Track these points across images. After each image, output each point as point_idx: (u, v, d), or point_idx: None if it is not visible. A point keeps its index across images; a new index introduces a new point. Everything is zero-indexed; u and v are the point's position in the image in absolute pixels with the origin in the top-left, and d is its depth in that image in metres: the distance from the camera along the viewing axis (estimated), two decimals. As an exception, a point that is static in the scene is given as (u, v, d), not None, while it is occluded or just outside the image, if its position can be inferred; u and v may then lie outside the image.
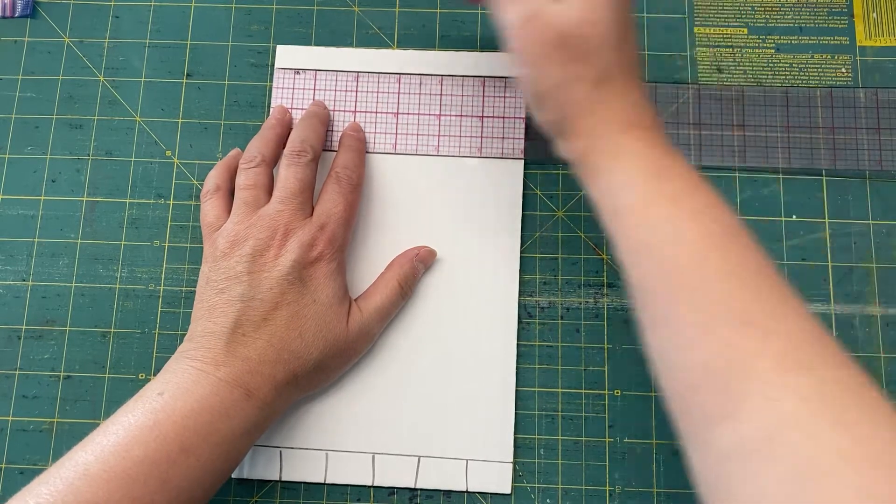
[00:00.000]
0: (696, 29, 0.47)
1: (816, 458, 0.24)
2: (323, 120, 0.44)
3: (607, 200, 0.32)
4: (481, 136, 0.45)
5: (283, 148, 0.42)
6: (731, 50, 0.46)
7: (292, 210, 0.39)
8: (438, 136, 0.45)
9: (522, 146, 0.44)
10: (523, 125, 0.45)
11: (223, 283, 0.38)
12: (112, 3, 0.48)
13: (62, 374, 0.43)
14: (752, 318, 0.27)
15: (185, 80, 0.47)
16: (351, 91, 0.46)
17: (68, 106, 0.46)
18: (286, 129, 0.44)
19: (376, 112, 0.46)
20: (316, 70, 0.46)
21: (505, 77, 0.45)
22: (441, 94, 0.46)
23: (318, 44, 0.47)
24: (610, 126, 0.32)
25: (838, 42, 0.46)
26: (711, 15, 0.47)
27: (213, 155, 0.46)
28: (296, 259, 0.38)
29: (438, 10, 0.47)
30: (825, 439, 0.24)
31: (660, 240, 0.30)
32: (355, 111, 0.46)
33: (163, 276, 0.44)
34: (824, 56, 0.46)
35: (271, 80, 0.46)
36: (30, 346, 0.43)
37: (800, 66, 0.46)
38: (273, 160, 0.42)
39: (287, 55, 0.46)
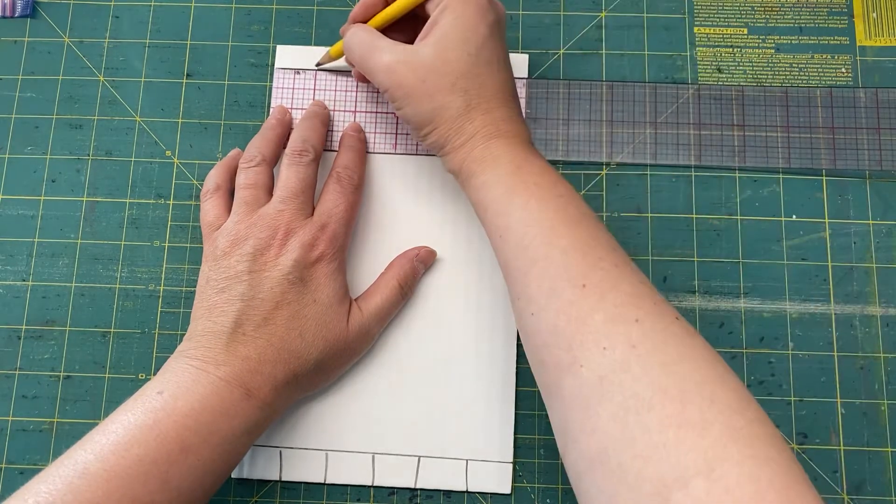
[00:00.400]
0: (696, 29, 0.47)
1: (640, 394, 0.28)
2: (324, 120, 0.44)
3: (479, 197, 0.37)
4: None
5: (284, 148, 0.42)
6: (731, 50, 0.46)
7: (293, 210, 0.39)
8: (438, 136, 0.45)
9: (522, 146, 0.44)
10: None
11: (223, 283, 0.37)
12: (112, 3, 0.48)
13: (62, 374, 0.43)
14: (590, 282, 0.32)
15: (185, 80, 0.47)
16: (351, 91, 0.46)
17: (68, 106, 0.46)
18: (286, 129, 0.44)
19: (376, 112, 0.46)
20: (316, 70, 0.46)
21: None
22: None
23: (318, 44, 0.47)
24: (478, 139, 0.37)
25: (838, 42, 0.46)
26: (711, 15, 0.47)
27: (213, 155, 0.46)
28: (297, 259, 0.38)
29: (438, 11, 0.47)
30: (649, 379, 0.28)
31: (517, 222, 0.34)
32: (355, 111, 0.46)
33: (163, 276, 0.44)
34: (824, 56, 0.46)
35: (271, 80, 0.46)
36: (30, 346, 0.43)
37: (800, 66, 0.46)
38: (273, 160, 0.42)
39: (287, 55, 0.46)
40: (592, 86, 0.46)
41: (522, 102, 0.45)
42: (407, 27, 0.42)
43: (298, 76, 0.46)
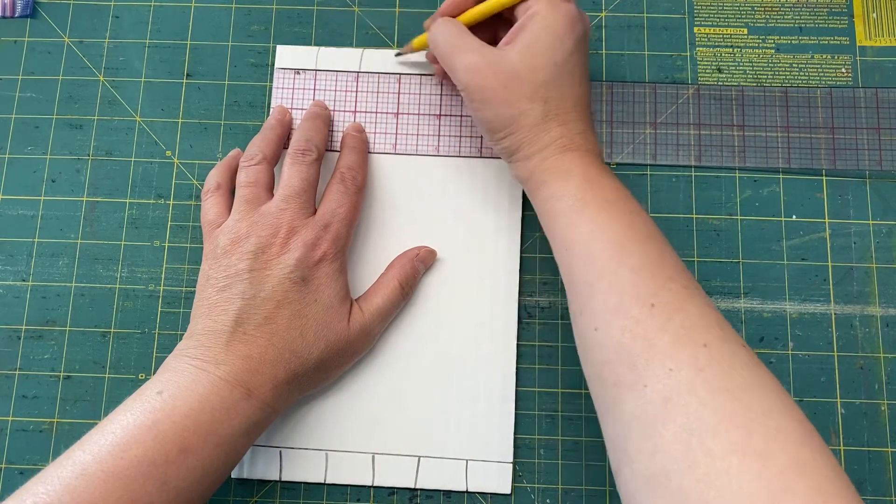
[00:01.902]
0: (696, 29, 0.47)
1: (705, 418, 0.28)
2: (325, 121, 0.44)
3: (548, 208, 0.36)
4: (482, 136, 0.45)
5: (284, 147, 0.42)
6: (731, 50, 0.46)
7: (295, 209, 0.39)
8: (438, 136, 0.45)
9: (522, 146, 0.44)
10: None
11: (224, 281, 0.37)
12: (112, 3, 0.48)
13: (62, 374, 0.43)
14: (658, 301, 0.31)
15: (185, 80, 0.47)
16: (351, 91, 0.46)
17: (68, 106, 0.46)
18: (286, 129, 0.44)
19: (376, 112, 0.46)
20: (316, 70, 0.46)
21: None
22: (441, 94, 0.46)
23: (318, 44, 0.47)
24: (552, 150, 0.37)
25: (838, 42, 0.46)
26: (711, 15, 0.47)
27: (213, 155, 0.46)
28: (299, 258, 0.38)
29: (438, 11, 0.47)
30: (713, 403, 0.28)
31: (584, 236, 0.34)
32: (355, 111, 0.46)
33: (163, 276, 0.44)
34: (824, 56, 0.46)
35: (271, 80, 0.46)
36: (30, 346, 0.43)
37: (800, 66, 0.46)
38: (274, 159, 0.42)
39: (287, 55, 0.46)
40: (592, 86, 0.46)
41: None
42: (489, 27, 0.41)
43: (298, 76, 0.46)
